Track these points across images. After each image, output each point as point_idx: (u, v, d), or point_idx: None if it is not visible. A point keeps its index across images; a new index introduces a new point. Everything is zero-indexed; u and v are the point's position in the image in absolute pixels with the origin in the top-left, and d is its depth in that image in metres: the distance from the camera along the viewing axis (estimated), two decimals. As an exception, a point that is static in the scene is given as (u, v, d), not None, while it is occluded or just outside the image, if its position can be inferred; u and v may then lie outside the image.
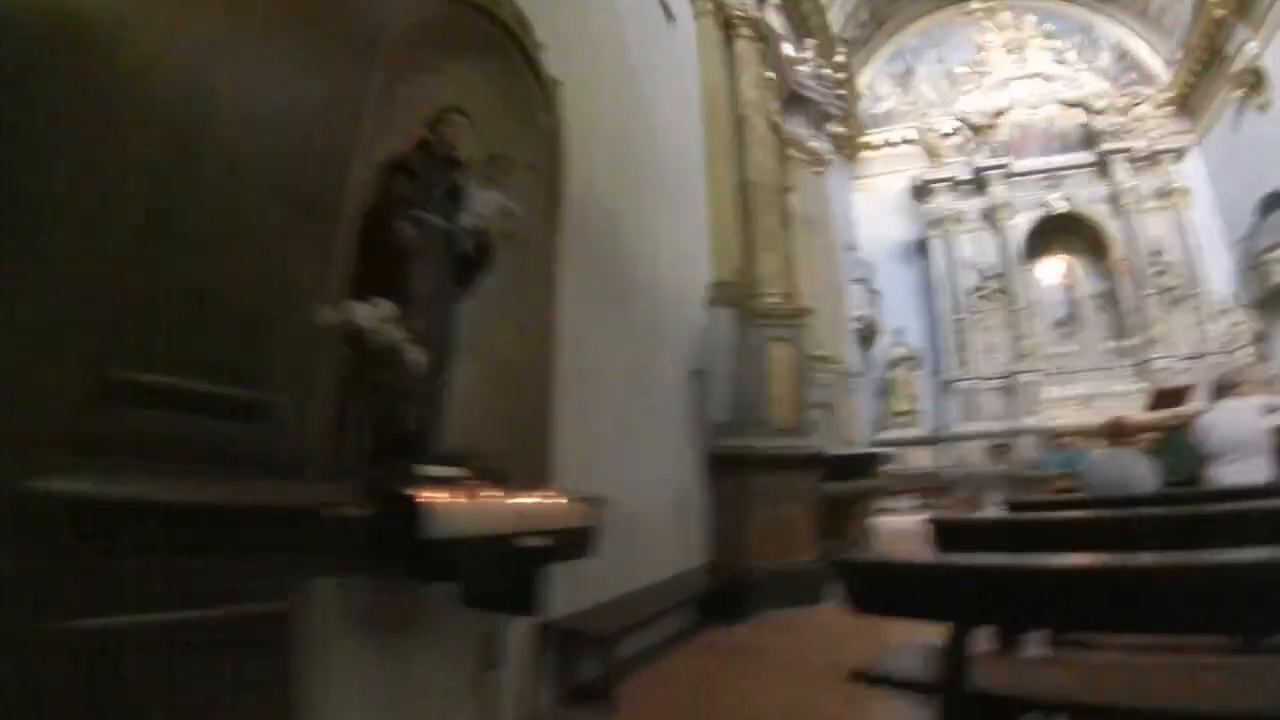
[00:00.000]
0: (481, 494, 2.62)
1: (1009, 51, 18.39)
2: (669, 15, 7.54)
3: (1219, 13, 13.82)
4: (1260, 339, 14.22)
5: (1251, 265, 14.30)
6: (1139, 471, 5.47)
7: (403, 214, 3.27)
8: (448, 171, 3.63)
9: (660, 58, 7.08)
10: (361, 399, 2.93)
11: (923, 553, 3.55)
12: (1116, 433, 5.97)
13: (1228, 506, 3.65)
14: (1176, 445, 7.21)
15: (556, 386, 3.81)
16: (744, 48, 8.97)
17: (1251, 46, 13.56)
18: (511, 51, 4.30)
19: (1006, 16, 18.42)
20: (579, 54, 5.10)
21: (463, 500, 2.45)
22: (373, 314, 2.77)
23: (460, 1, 4.02)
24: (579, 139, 4.61)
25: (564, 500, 3.13)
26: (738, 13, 8.98)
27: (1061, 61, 18.08)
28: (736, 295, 7.59)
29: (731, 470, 6.93)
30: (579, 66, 4.95)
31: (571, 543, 3.03)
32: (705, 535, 6.73)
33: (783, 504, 7.07)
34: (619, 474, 4.74)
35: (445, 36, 4.01)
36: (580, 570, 3.49)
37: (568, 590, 4.00)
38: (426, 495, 2.34)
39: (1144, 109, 16.82)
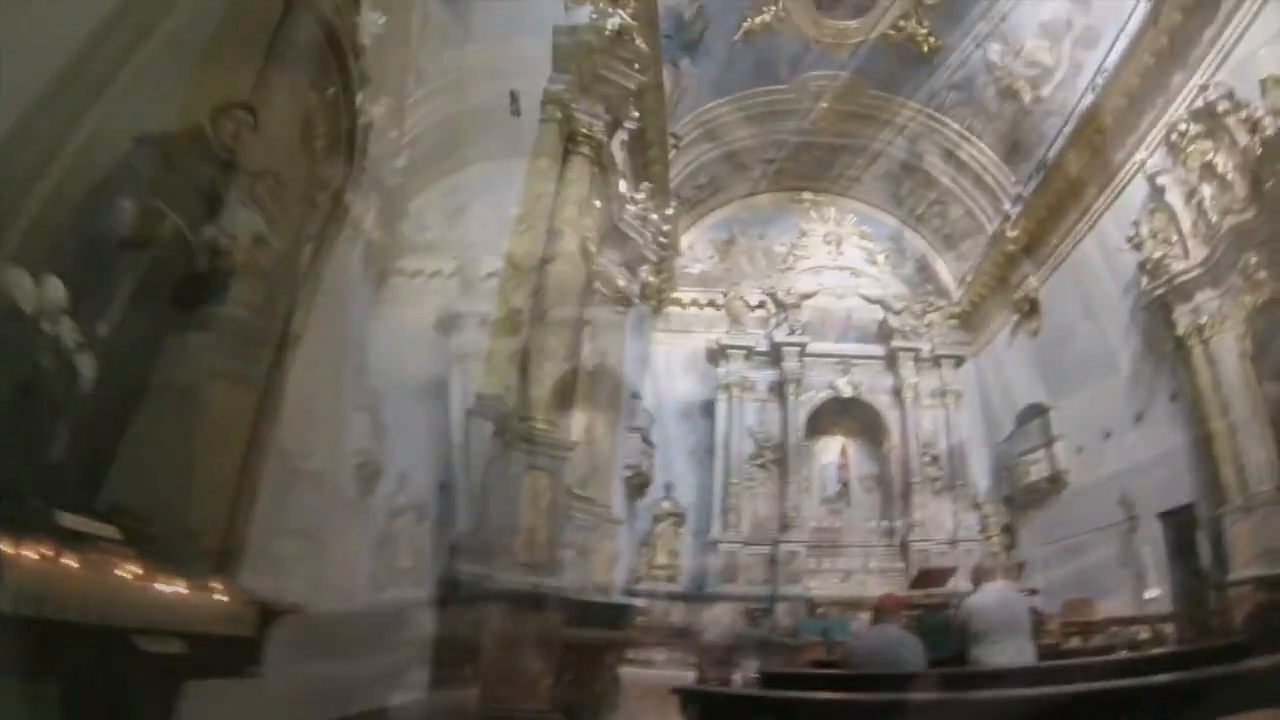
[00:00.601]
0: (113, 567, 1.89)
1: (826, 243, 19.64)
2: (515, 110, 7.26)
3: (1010, 248, 15.97)
4: (1008, 530, 15.90)
5: (1007, 465, 16.02)
6: (909, 647, 5.43)
7: (132, 196, 2.61)
8: (212, 172, 3.00)
9: (494, 143, 6.71)
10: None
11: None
12: (886, 607, 5.95)
13: (1002, 692, 3.61)
14: (935, 624, 7.36)
15: (268, 461, 3.10)
16: (579, 166, 8.60)
17: (1032, 281, 15.73)
18: (333, 74, 3.78)
19: (831, 212, 19.83)
20: (408, 103, 4.64)
21: (70, 568, 1.72)
22: (34, 292, 2.06)
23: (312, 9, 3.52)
24: (375, 188, 4.09)
25: (224, 598, 2.38)
26: (584, 131, 8.64)
27: (872, 262, 19.52)
28: (502, 413, 6.88)
29: (466, 599, 6.07)
30: (406, 116, 4.49)
31: (224, 654, 2.29)
32: (428, 667, 5.88)
33: (521, 645, 6.29)
34: (329, 582, 3.94)
35: (269, 31, 3.46)
36: (262, 689, 2.72)
37: (240, 714, 3.13)
38: (14, 549, 1.61)
39: (934, 317, 18.52)
